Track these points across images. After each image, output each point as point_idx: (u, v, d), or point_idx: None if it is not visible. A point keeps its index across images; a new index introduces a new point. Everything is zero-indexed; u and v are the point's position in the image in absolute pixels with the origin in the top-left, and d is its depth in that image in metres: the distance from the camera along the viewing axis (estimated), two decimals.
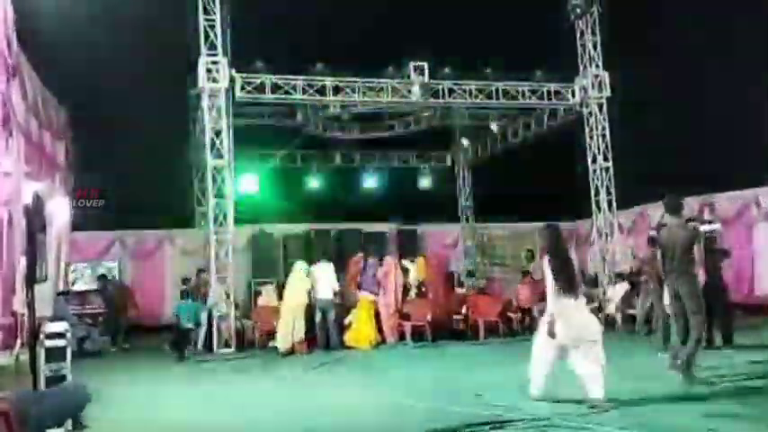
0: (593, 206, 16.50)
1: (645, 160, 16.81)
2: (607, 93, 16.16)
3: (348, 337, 13.09)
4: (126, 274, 18.72)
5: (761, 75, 14.82)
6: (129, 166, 16.43)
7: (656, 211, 18.23)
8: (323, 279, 13.02)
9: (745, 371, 8.06)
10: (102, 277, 16.44)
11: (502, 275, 20.52)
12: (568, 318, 6.73)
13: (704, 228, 10.72)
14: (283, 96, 14.76)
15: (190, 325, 13.78)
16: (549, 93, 16.20)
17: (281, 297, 13.63)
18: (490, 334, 13.82)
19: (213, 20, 13.71)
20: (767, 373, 7.91)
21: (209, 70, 13.77)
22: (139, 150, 16.45)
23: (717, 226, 11.01)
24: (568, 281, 6.83)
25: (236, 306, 14.77)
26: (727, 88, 15.33)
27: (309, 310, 12.99)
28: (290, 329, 12.55)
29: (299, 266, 13.28)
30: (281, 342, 12.52)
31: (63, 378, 7.07)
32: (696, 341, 7.64)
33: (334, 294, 13.05)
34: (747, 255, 15.19)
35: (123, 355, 13.99)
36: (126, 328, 15.43)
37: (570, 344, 6.70)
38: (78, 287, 16.43)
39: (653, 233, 11.77)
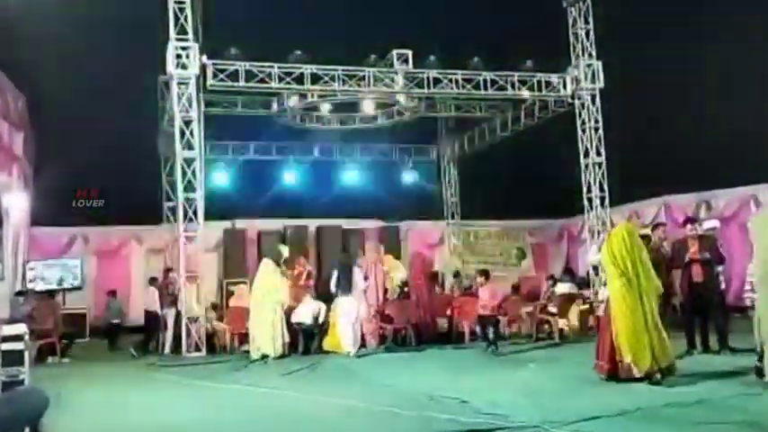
0: (585, 203, 16.60)
1: (640, 155, 16.94)
2: (600, 84, 16.26)
3: (326, 342, 13.06)
4: (89, 273, 18.57)
5: (765, 66, 14.96)
6: (93, 158, 16.28)
7: (650, 209, 18.48)
8: (304, 305, 12.99)
9: (732, 375, 8.19)
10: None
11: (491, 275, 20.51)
12: (347, 309, 12.53)
13: (704, 225, 10.86)
14: (258, 85, 14.69)
15: (116, 321, 16.01)
16: (539, 83, 16.26)
17: None
18: (476, 337, 13.85)
19: (183, 2, 13.60)
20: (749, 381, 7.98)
21: (178, 56, 13.64)
22: (104, 141, 16.31)
23: (715, 223, 11.11)
24: (348, 286, 12.69)
25: (211, 307, 14.73)
26: (728, 80, 15.47)
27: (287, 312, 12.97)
28: (270, 333, 12.45)
29: (268, 264, 13.19)
30: (261, 346, 12.44)
31: (21, 383, 7.01)
32: None
33: (315, 319, 12.95)
34: (746, 254, 15.32)
35: (84, 357, 13.84)
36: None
37: (351, 321, 12.39)
38: (37, 286, 16.26)
39: (646, 231, 11.90)
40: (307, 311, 12.89)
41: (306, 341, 12.86)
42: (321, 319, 12.90)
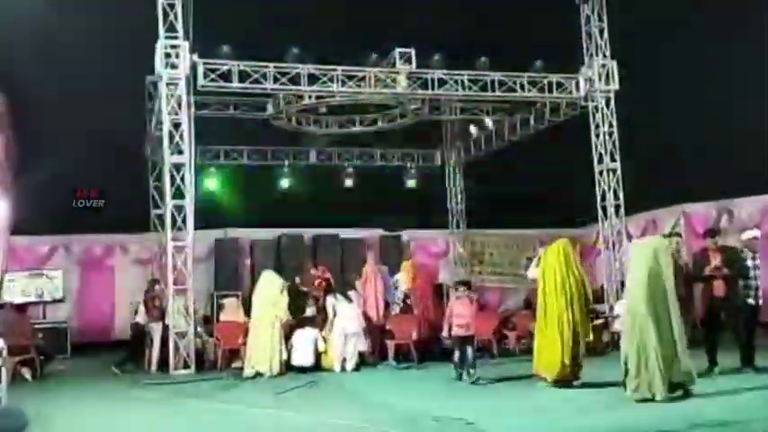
0: (599, 212, 16.58)
1: (657, 161, 16.92)
2: (615, 85, 16.23)
3: (324, 359, 13.03)
4: (71, 285, 18.54)
5: None
6: (77, 163, 16.27)
7: (668, 217, 18.46)
8: (300, 340, 12.92)
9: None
10: None
11: (498, 286, 20.53)
12: (347, 316, 12.76)
13: (744, 235, 10.78)
14: (252, 85, 14.68)
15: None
16: (550, 85, 16.24)
17: (247, 312, 13.54)
18: (483, 353, 13.81)
19: None
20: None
21: (167, 55, 13.65)
22: (88, 145, 16.29)
23: (755, 232, 10.96)
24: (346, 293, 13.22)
25: (202, 321, 14.71)
26: (751, 81, 15.42)
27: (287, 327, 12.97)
28: (267, 350, 12.41)
29: (270, 277, 13.19)
30: (256, 363, 12.41)
31: None
32: None
33: (316, 355, 12.88)
34: None
35: (65, 375, 13.81)
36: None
37: (347, 332, 12.55)
38: (16, 299, 16.22)
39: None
40: (306, 350, 12.79)
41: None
42: (321, 348, 12.89)
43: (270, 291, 12.94)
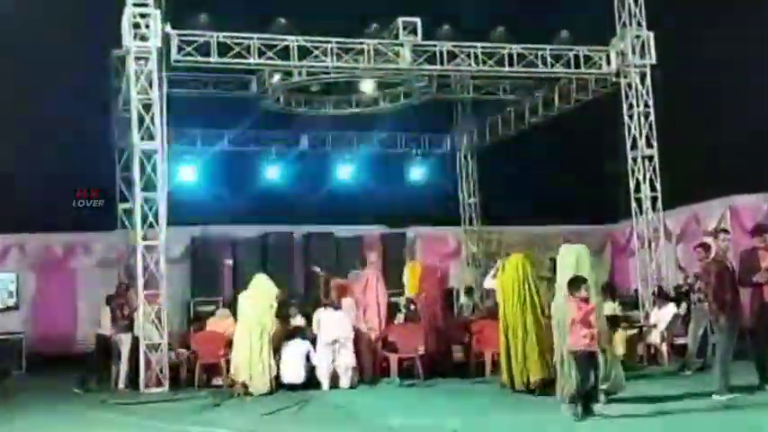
0: (633, 205, 16.58)
1: (699, 146, 16.90)
2: (652, 59, 16.22)
3: (317, 372, 13.05)
4: (26, 291, 18.58)
5: None
6: (31, 150, 16.29)
7: (713, 212, 18.46)
8: (292, 357, 12.90)
9: None
10: None
11: None
12: (332, 323, 12.85)
13: None
14: (233, 60, 14.70)
15: None
16: (576, 58, 16.23)
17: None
18: (499, 369, 13.81)
19: None
20: None
21: (136, 25, 13.64)
22: (44, 129, 16.30)
23: None
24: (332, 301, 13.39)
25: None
26: None
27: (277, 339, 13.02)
28: (257, 366, 12.44)
29: (265, 283, 13.18)
30: (243, 379, 12.45)
31: None
32: None
33: (309, 369, 12.85)
34: None
35: (18, 394, 13.86)
36: None
37: (333, 338, 12.69)
38: None
39: (708, 240, 11.89)
40: (296, 365, 12.77)
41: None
42: (314, 362, 12.92)
43: (263, 299, 12.94)
